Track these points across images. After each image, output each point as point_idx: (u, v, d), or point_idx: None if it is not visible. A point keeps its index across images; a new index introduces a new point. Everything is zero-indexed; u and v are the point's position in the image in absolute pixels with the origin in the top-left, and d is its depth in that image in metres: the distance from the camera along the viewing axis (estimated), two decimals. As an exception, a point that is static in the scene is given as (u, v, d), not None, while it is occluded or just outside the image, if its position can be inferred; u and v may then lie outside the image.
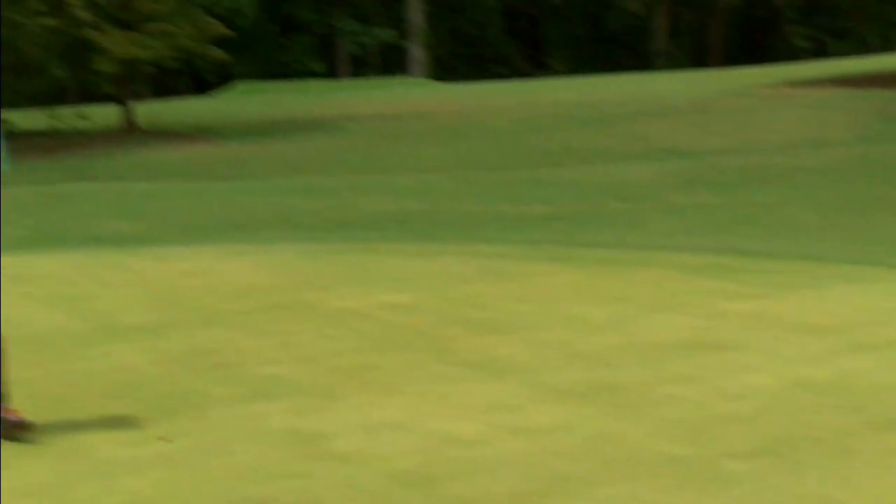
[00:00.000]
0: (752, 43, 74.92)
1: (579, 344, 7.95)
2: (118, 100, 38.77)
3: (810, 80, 33.77)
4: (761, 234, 14.29)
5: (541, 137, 26.38)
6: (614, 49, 74.36)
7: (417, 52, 64.71)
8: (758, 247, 12.74)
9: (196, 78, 66.21)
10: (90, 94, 60.60)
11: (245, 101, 43.39)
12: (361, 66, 68.39)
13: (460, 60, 69.89)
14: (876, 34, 69.14)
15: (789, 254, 11.87)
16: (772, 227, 14.95)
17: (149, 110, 37.55)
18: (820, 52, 68.05)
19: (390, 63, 69.26)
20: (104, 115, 38.69)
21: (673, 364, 7.21)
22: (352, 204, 17.99)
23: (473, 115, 31.04)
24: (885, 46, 63.93)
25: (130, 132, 35.66)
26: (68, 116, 37.71)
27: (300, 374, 7.17)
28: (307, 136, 30.28)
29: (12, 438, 5.68)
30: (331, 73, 67.77)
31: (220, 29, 38.67)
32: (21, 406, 6.04)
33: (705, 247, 12.90)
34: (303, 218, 17.71)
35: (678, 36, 73.51)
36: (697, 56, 69.81)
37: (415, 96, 40.23)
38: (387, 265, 11.33)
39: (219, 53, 38.53)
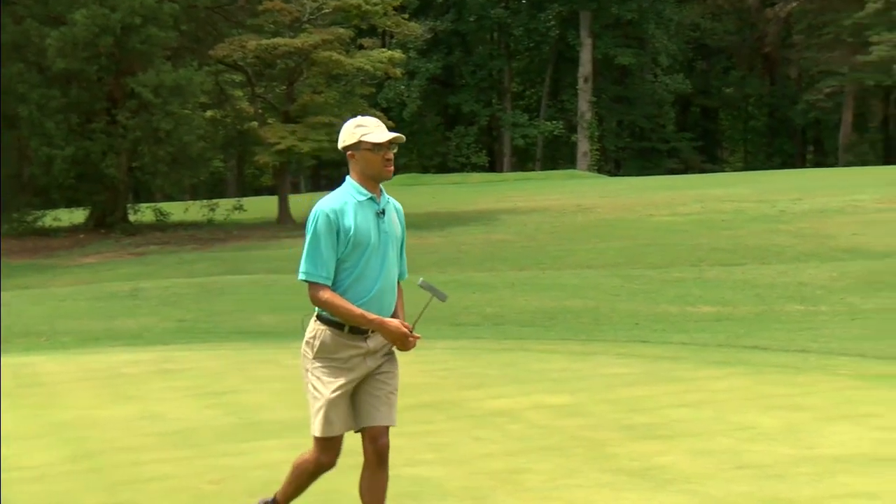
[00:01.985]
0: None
1: (747, 454, 7.75)
2: (276, 192, 39.84)
3: None
4: (951, 341, 13.80)
5: (711, 234, 26.09)
6: (795, 143, 73.41)
7: (584, 145, 64.99)
8: (947, 355, 12.30)
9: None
10: (249, 187, 62.53)
11: (404, 193, 44.13)
12: (525, 159, 68.96)
13: (629, 153, 69.88)
14: None
15: (982, 363, 11.42)
16: (963, 334, 14.44)
17: (306, 203, 38.44)
18: None
19: (556, 156, 69.68)
20: (261, 207, 39.79)
21: (851, 479, 6.97)
22: (509, 300, 18.03)
23: (640, 209, 30.89)
24: None
25: (285, 225, 36.55)
26: (225, 208, 38.88)
27: (448, 477, 7.15)
28: (465, 229, 30.58)
29: None
30: (493, 166, 68.50)
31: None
32: (160, 502, 6.14)
33: (889, 354, 12.51)
34: (458, 313, 17.79)
35: (866, 131, 72.23)
36: (887, 152, 68.40)
37: (580, 190, 40.32)
38: (544, 364, 11.28)
39: (379, 145, 39.35)
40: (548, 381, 10.51)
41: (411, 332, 5.37)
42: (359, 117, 5.62)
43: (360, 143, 5.44)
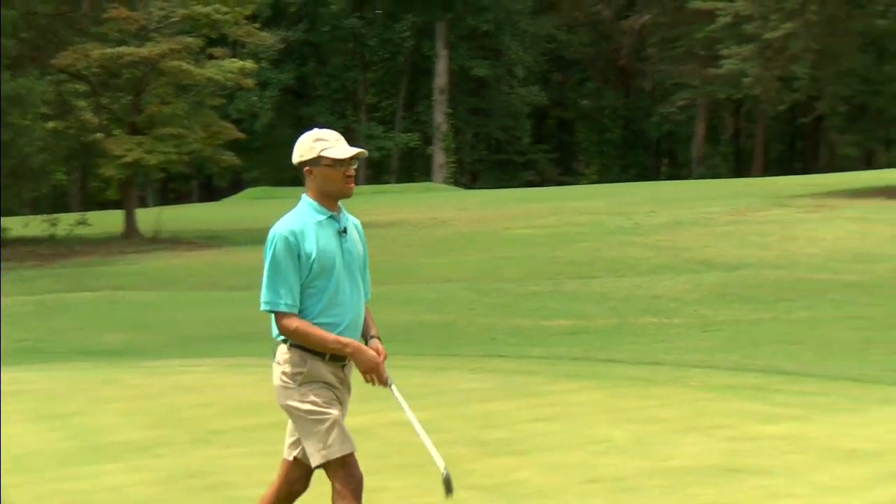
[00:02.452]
0: (795, 151, 75.38)
1: (601, 468, 7.90)
2: (122, 206, 39.20)
3: (855, 191, 33.90)
4: (799, 352, 14.24)
5: (567, 247, 26.45)
6: (650, 155, 74.89)
7: (440, 157, 65.35)
8: (795, 366, 12.69)
9: (205, 183, 67.04)
10: (93, 200, 61.35)
11: (256, 207, 43.79)
12: (381, 172, 69.04)
13: (485, 166, 70.47)
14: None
15: (828, 374, 11.81)
16: (810, 345, 14.90)
17: (153, 217, 37.93)
18: (868, 161, 68.36)
19: (412, 168, 69.91)
20: (107, 221, 39.07)
21: (701, 491, 7.15)
22: (364, 316, 18.02)
23: (496, 222, 31.18)
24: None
25: (132, 239, 35.97)
26: (68, 223, 38.10)
27: (299, 498, 7.12)
28: (320, 244, 30.49)
29: None
30: (348, 178, 68.37)
31: (233, 132, 39.20)
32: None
33: (740, 365, 12.85)
34: (312, 331, 17.71)
35: (718, 143, 74.02)
36: (738, 164, 70.21)
37: (436, 203, 40.53)
38: (400, 381, 11.30)
39: (230, 158, 39.00)
40: (404, 397, 10.52)
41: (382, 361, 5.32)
42: (316, 130, 5.36)
43: (319, 158, 5.21)
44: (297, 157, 5.30)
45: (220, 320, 18.70)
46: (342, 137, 5.35)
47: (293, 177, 65.81)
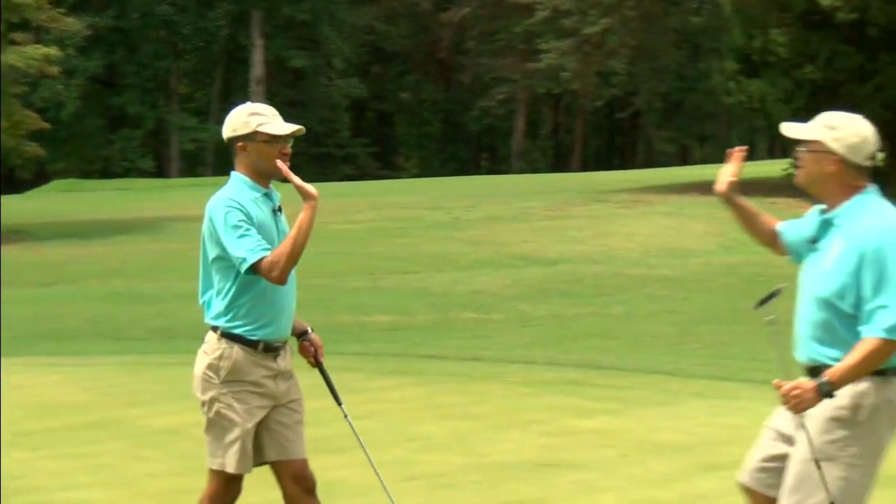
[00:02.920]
0: (614, 146, 77.08)
1: (419, 465, 8.01)
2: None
3: (671, 186, 34.84)
4: (616, 346, 14.62)
5: (386, 242, 26.58)
6: (470, 149, 75.64)
7: (256, 150, 64.71)
8: (611, 360, 13.03)
9: (8, 175, 65.15)
10: None
11: (62, 200, 42.81)
12: (195, 164, 68.15)
13: (304, 159, 70.18)
14: (740, 139, 71.89)
15: (643, 368, 12.18)
16: (626, 339, 15.31)
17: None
18: (684, 156, 70.36)
19: (227, 161, 69.10)
20: None
21: (518, 486, 7.32)
22: (178, 312, 17.81)
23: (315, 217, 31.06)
24: (749, 153, 66.40)
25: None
26: None
27: (109, 500, 7.06)
28: (130, 238, 29.98)
29: None
30: (161, 171, 67.34)
31: (37, 122, 38.22)
32: None
33: (558, 360, 13.14)
34: (122, 328, 17.47)
35: (537, 138, 75.18)
36: (557, 159, 71.43)
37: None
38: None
39: (34, 148, 38.03)
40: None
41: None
42: (250, 104, 5.15)
43: (255, 133, 5.00)
44: (228, 132, 5.09)
45: (25, 318, 18.26)
46: (278, 113, 5.15)
47: (103, 168, 64.49)
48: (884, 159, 4.52)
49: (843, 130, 4.43)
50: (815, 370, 4.42)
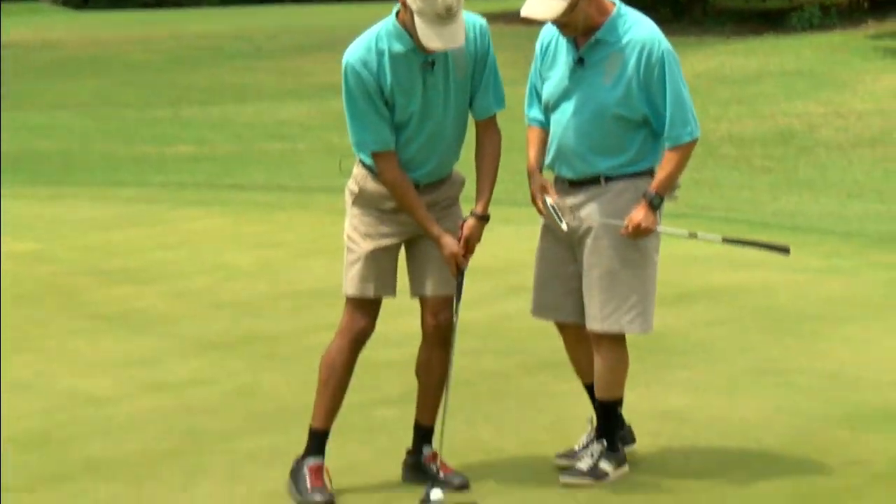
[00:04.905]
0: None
1: (225, 293, 7.99)
2: None
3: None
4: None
5: (188, 72, 25.99)
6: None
7: (48, -25, 62.22)
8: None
9: None
10: None
11: None
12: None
13: (98, -14, 67.70)
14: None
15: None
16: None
17: None
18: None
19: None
20: None
21: (327, 312, 7.35)
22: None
23: (113, 46, 30.13)
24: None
25: None
26: None
27: None
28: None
29: None
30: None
31: None
32: None
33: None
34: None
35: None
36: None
37: (44, 24, 38.75)
38: (11, 211, 10.94)
39: None
40: (17, 227, 10.24)
41: (465, 255, 4.63)
42: None
43: None
44: None
45: None
46: None
47: None
48: None
49: None
50: (587, 181, 4.62)
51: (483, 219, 4.68)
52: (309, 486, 4.55)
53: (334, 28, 33.18)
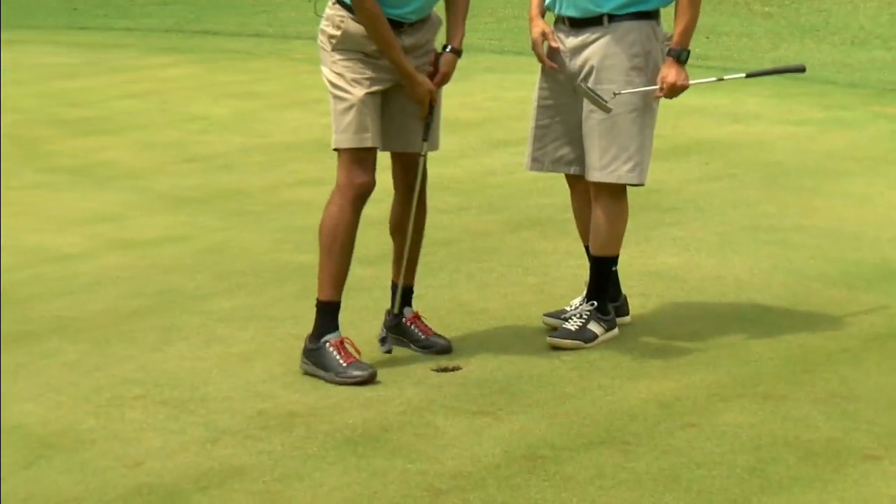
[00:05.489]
0: None
1: (196, 146, 7.90)
2: None
3: None
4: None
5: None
6: None
7: None
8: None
9: None
10: None
11: None
12: None
13: None
14: None
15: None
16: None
17: None
18: None
19: None
20: None
21: (301, 166, 7.29)
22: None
23: None
24: None
25: None
26: None
27: None
28: None
29: None
30: None
31: None
32: None
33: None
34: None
35: None
36: None
37: None
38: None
39: None
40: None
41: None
42: None
43: None
44: None
45: None
46: None
47: None
48: None
49: None
50: (590, 21, 4.54)
51: (459, 53, 4.55)
52: (343, 362, 4.38)
53: None
